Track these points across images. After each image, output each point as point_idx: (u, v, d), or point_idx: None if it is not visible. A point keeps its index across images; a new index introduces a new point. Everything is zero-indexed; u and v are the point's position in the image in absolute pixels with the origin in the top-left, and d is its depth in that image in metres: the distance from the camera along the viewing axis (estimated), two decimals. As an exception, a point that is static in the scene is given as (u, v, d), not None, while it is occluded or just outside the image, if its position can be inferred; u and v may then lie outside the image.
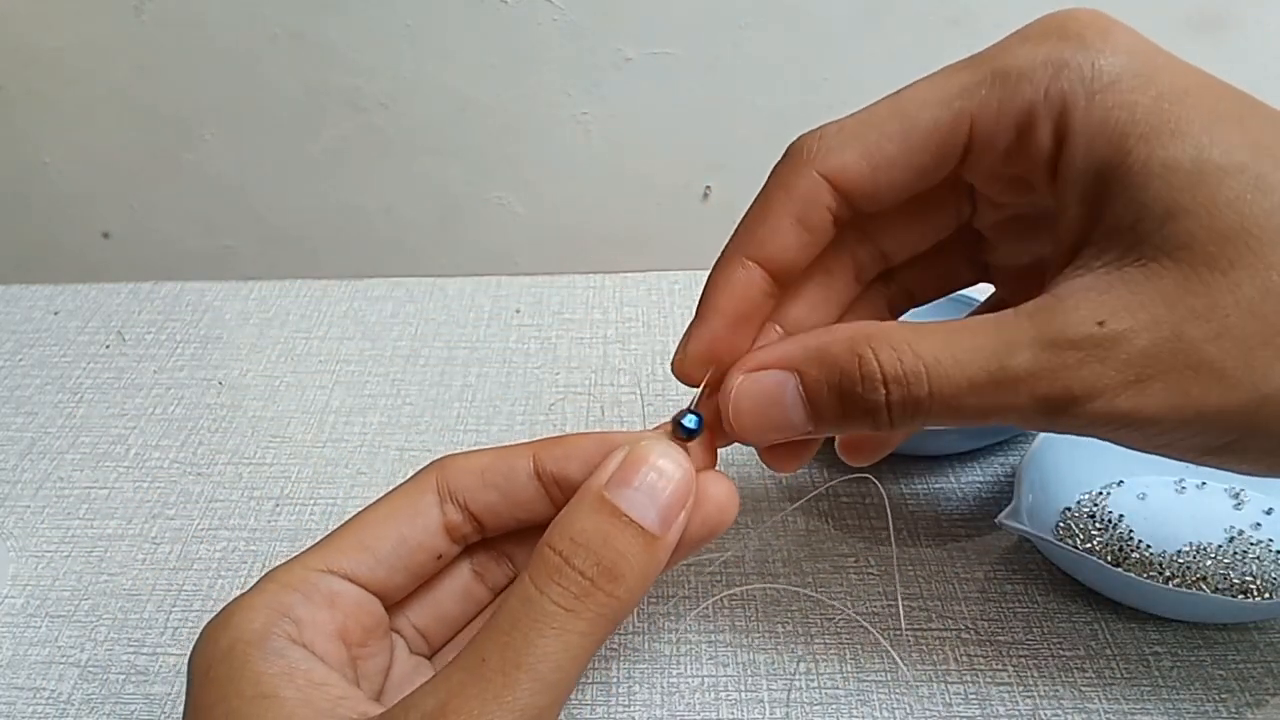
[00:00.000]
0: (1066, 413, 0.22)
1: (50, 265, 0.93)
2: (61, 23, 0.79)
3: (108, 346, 0.50)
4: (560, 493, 0.27)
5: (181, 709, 0.33)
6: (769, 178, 0.26)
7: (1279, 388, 0.21)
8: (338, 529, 0.26)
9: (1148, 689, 0.33)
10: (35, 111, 0.83)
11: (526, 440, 0.28)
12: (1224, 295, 0.21)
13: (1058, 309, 0.22)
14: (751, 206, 0.26)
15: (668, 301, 0.52)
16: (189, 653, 0.24)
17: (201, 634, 0.24)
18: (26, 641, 0.36)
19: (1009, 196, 0.26)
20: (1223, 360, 0.21)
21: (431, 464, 0.27)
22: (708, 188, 0.88)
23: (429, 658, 0.28)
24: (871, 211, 0.26)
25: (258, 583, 0.25)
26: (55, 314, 0.52)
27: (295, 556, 0.25)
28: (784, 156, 0.25)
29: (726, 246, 0.26)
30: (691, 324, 0.26)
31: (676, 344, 0.27)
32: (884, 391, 0.23)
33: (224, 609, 0.24)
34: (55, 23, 0.79)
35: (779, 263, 0.25)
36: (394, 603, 0.27)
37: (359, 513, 0.26)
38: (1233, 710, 0.33)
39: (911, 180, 0.25)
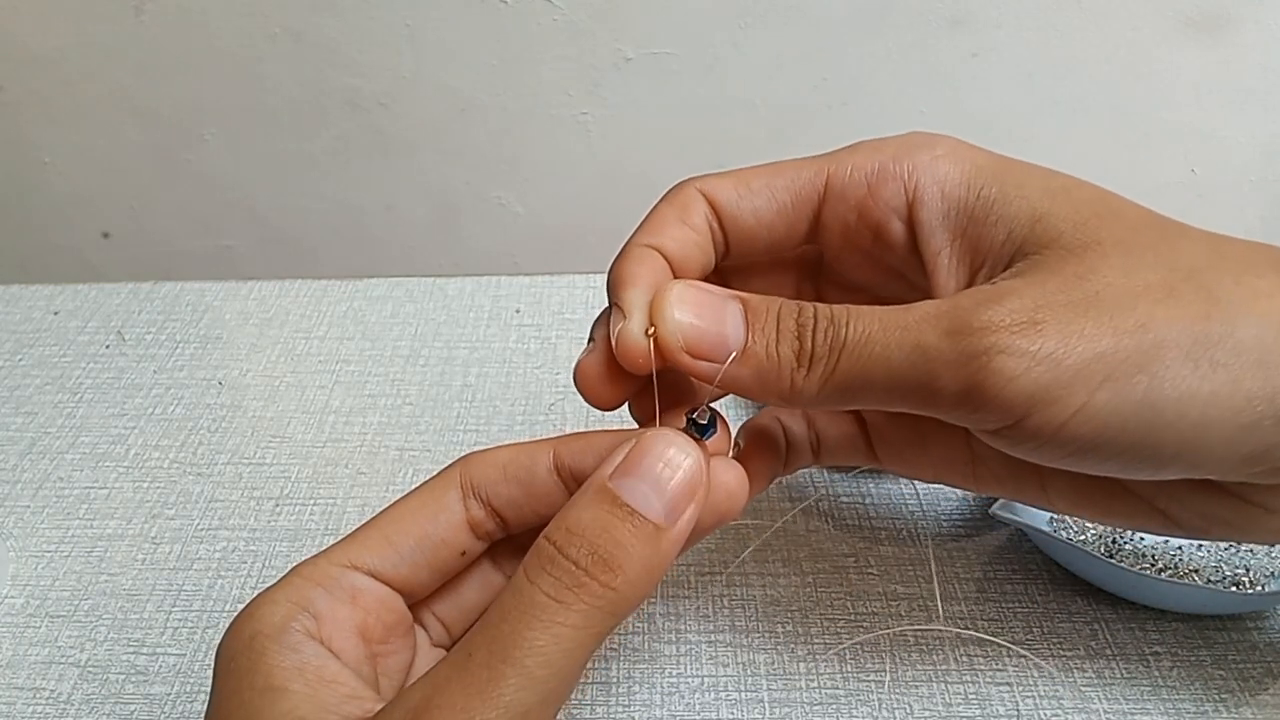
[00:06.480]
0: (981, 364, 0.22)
1: (50, 265, 0.93)
2: (61, 23, 0.79)
3: (108, 346, 0.50)
4: (578, 488, 0.26)
5: (181, 709, 0.33)
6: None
7: (1159, 334, 0.22)
8: (363, 524, 0.26)
9: (1148, 689, 0.33)
10: (35, 111, 0.83)
11: (540, 438, 0.27)
12: (1098, 262, 0.23)
13: (957, 302, 0.23)
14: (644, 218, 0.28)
15: (668, 301, 0.52)
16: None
17: (230, 625, 0.24)
18: (26, 641, 0.36)
19: (862, 272, 0.29)
20: (1102, 304, 0.22)
21: (455, 461, 0.27)
22: (708, 188, 0.88)
23: (450, 650, 0.28)
24: (743, 241, 0.28)
25: (284, 575, 0.24)
26: (55, 314, 0.52)
27: (322, 551, 0.25)
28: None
29: (626, 242, 0.28)
30: (611, 306, 0.26)
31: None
32: (813, 320, 0.24)
33: (251, 600, 0.24)
34: (55, 23, 0.79)
35: (669, 250, 0.27)
36: (418, 600, 0.26)
37: (384, 509, 0.26)
38: (1232, 710, 0.33)
39: (773, 218, 0.28)
